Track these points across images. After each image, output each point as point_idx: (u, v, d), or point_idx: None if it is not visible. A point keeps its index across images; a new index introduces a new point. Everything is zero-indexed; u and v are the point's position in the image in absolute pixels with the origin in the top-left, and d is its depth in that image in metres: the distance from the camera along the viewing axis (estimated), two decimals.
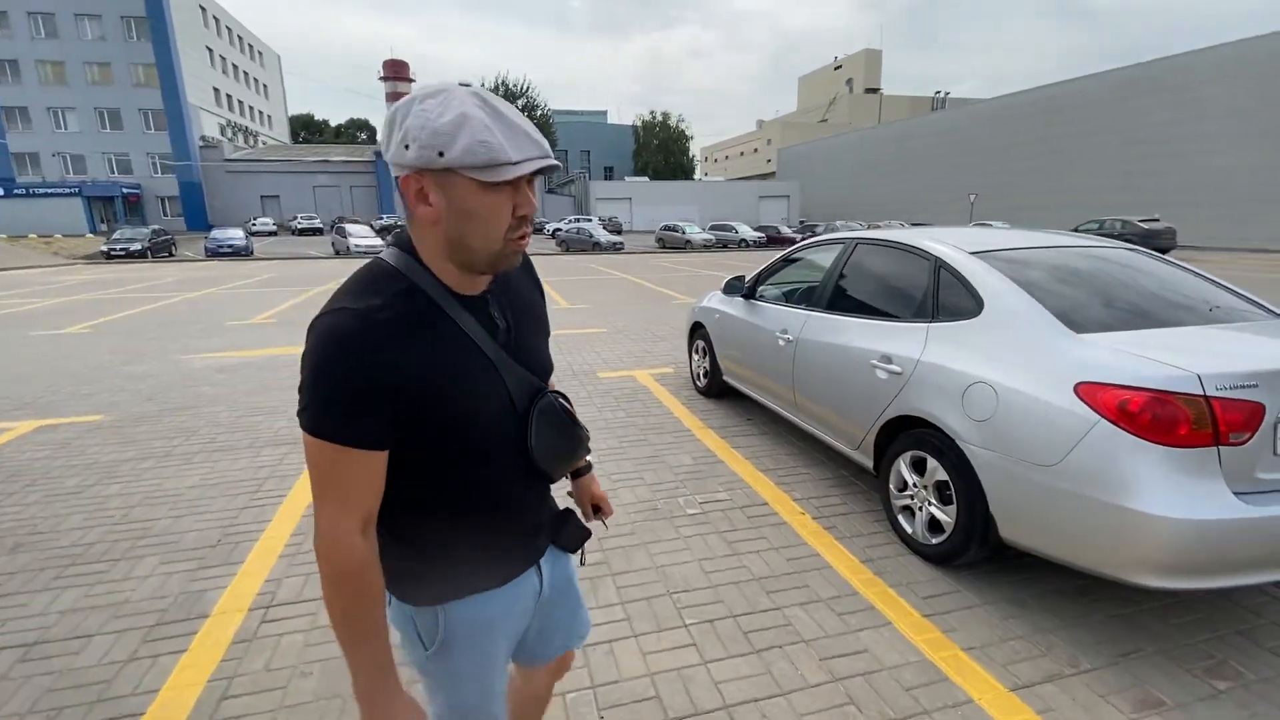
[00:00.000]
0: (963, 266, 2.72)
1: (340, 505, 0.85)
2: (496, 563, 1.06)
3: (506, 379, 0.97)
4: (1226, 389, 1.93)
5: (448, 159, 0.79)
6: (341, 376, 0.81)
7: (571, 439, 1.09)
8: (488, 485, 0.99)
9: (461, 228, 0.85)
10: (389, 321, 0.83)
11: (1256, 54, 28.24)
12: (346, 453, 0.83)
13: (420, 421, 0.87)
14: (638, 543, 2.87)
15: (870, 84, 79.71)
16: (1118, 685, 2.00)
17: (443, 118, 0.78)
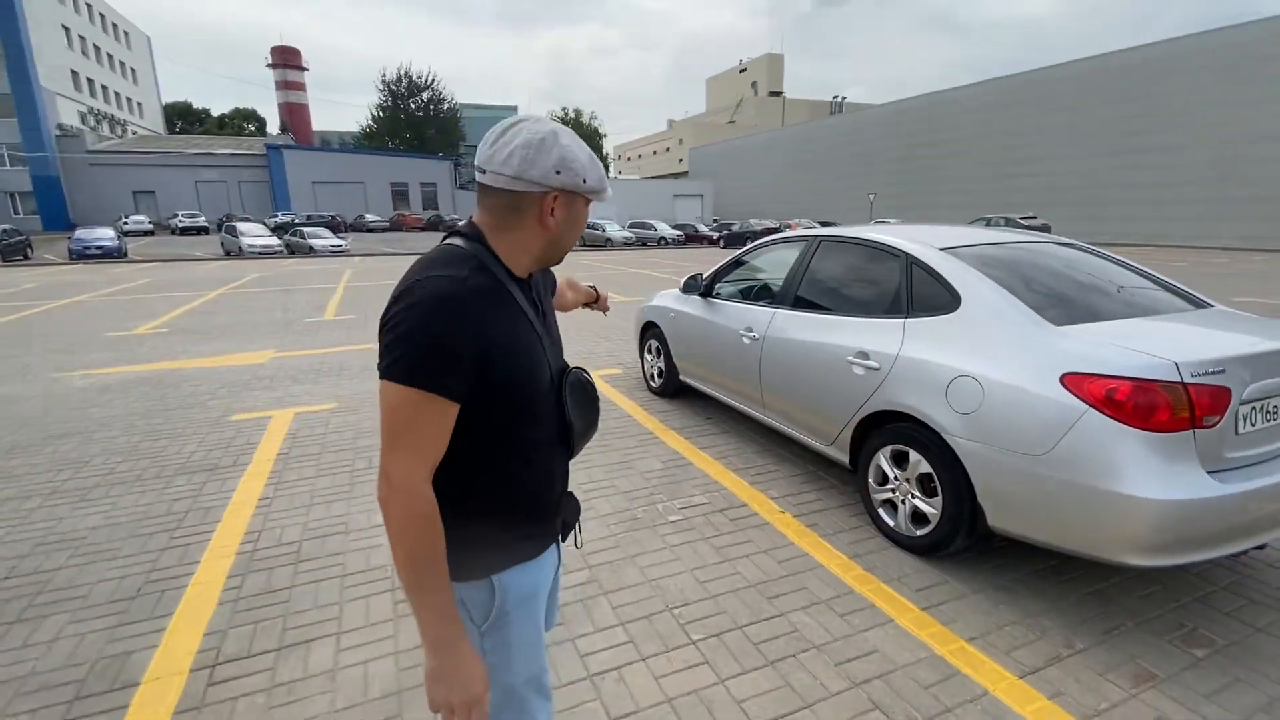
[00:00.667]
0: (935, 263, 2.78)
1: (415, 453, 0.92)
2: (538, 532, 1.13)
3: (547, 352, 1.11)
4: (1200, 375, 2.05)
5: (588, 185, 1.02)
6: (440, 332, 0.91)
7: (595, 411, 1.23)
8: (538, 449, 1.09)
9: (568, 234, 1.07)
10: (478, 288, 0.96)
11: (1111, 68, 31.69)
12: (431, 401, 0.91)
13: (493, 379, 0.97)
14: (624, 556, 2.73)
15: (774, 87, 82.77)
16: (1112, 662, 2.09)
17: (584, 154, 1.01)
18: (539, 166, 0.97)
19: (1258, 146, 26.64)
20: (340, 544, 2.82)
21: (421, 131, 59.03)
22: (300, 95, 70.03)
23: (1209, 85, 28.00)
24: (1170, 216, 29.64)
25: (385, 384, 0.92)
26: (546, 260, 1.10)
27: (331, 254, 24.01)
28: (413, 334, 0.90)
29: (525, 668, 1.12)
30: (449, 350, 0.91)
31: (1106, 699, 1.93)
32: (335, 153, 52.36)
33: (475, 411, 0.98)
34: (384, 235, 38.64)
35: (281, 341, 7.46)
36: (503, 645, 1.09)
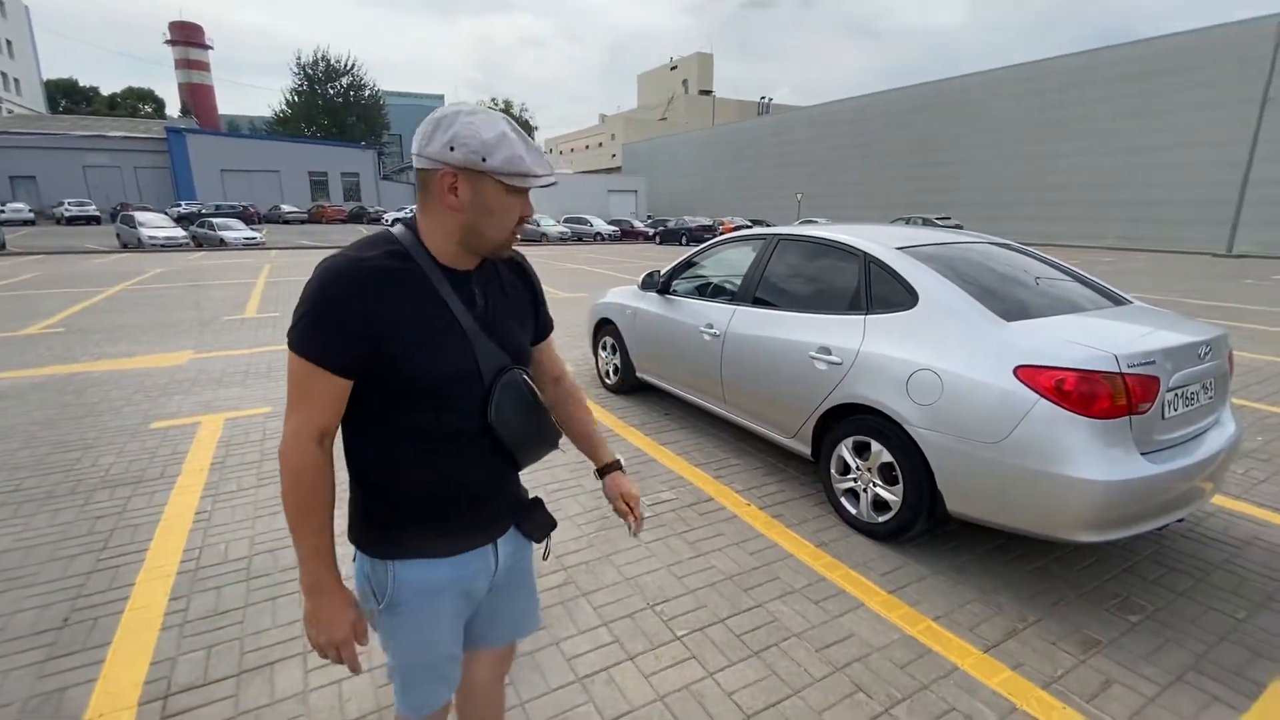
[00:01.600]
0: (892, 262, 2.90)
1: (303, 415, 0.99)
2: (449, 532, 1.12)
3: (476, 347, 1.07)
4: (1135, 366, 2.24)
5: (489, 164, 0.97)
6: (327, 305, 0.96)
7: (535, 418, 1.15)
8: (446, 442, 1.07)
9: (482, 220, 1.03)
10: (376, 269, 0.99)
11: (1011, 79, 34.06)
12: (314, 371, 0.97)
13: (385, 361, 0.99)
14: (599, 556, 2.71)
15: (704, 86, 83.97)
16: (1061, 632, 2.26)
17: (489, 132, 0.97)
18: (435, 143, 0.98)
19: (1135, 156, 29.36)
20: (294, 557, 2.65)
21: (341, 119, 56.14)
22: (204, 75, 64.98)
23: (1094, 99, 30.60)
24: (1062, 218, 32.21)
25: (288, 352, 1.00)
26: (474, 247, 1.07)
27: (245, 247, 22.49)
28: (303, 306, 0.98)
29: (413, 655, 1.16)
30: (332, 325, 0.96)
31: (1061, 666, 2.09)
32: (246, 139, 49.03)
33: (370, 391, 1.02)
34: (303, 227, 36.55)
35: (199, 341, 6.93)
36: (393, 629, 1.14)
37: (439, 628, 1.15)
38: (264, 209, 41.02)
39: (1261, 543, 2.90)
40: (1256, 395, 5.22)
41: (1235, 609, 2.42)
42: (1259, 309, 10.27)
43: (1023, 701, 1.93)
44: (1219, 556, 2.78)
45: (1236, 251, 24.23)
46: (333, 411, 1.01)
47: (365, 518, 1.11)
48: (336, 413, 1.02)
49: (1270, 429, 4.40)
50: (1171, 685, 2.01)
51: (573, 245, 28.66)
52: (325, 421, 1.01)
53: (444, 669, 1.20)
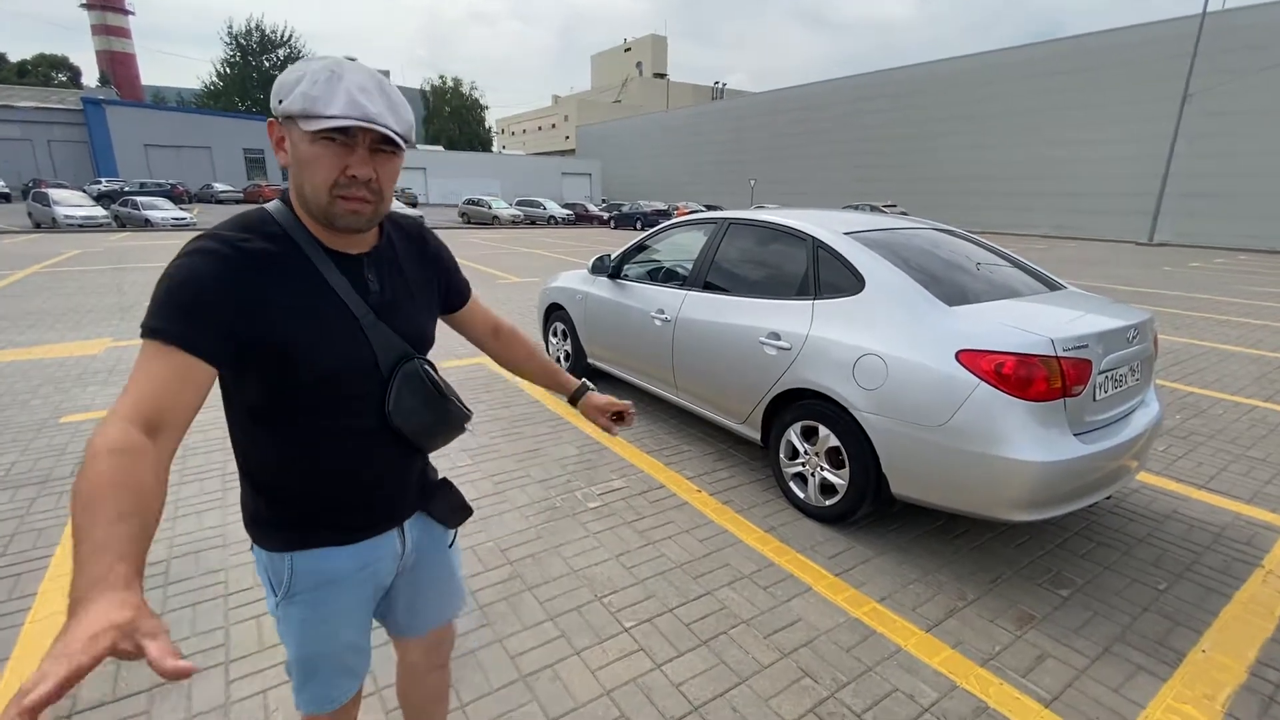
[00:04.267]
0: (840, 247, 2.90)
1: (129, 397, 0.79)
2: (347, 520, 1.07)
3: (371, 337, 1.00)
4: (1070, 350, 2.30)
5: (284, 107, 0.87)
6: (182, 287, 0.85)
7: (436, 409, 1.09)
8: (341, 439, 1.01)
9: (299, 175, 0.91)
10: (247, 252, 0.89)
11: (951, 72, 35.04)
12: (160, 350, 0.82)
13: (259, 348, 0.89)
14: (546, 547, 2.64)
15: (658, 69, 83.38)
16: (998, 609, 2.33)
17: (294, 73, 0.87)
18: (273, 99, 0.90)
19: (1065, 149, 30.70)
20: (218, 559, 2.49)
21: None
22: (125, 43, 60.49)
23: (1027, 92, 31.77)
24: (997, 207, 33.46)
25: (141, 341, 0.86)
26: (311, 215, 0.95)
27: (173, 228, 21.17)
28: (159, 284, 0.86)
29: (313, 646, 1.10)
30: (187, 303, 0.85)
31: (998, 642, 2.14)
32: (173, 112, 45.88)
33: (253, 387, 0.95)
34: (238, 208, 34.61)
35: (118, 329, 6.47)
36: (291, 620, 1.08)
37: (339, 617, 1.10)
38: (195, 188, 38.71)
39: (1180, 516, 3.06)
40: (1174, 376, 5.53)
41: (1157, 580, 2.54)
42: (1176, 294, 10.92)
43: (963, 680, 1.97)
44: (1142, 531, 2.92)
45: (1157, 240, 25.73)
46: (161, 394, 0.80)
47: (256, 513, 1.05)
48: (165, 403, 0.80)
49: (1187, 407, 4.66)
50: (1100, 657, 2.09)
51: (525, 229, 28.13)
52: (151, 411, 0.78)
53: (347, 660, 1.14)
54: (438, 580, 1.26)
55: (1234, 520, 3.03)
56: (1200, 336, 7.25)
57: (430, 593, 1.25)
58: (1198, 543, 2.83)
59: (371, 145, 0.90)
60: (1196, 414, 4.54)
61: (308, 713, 1.15)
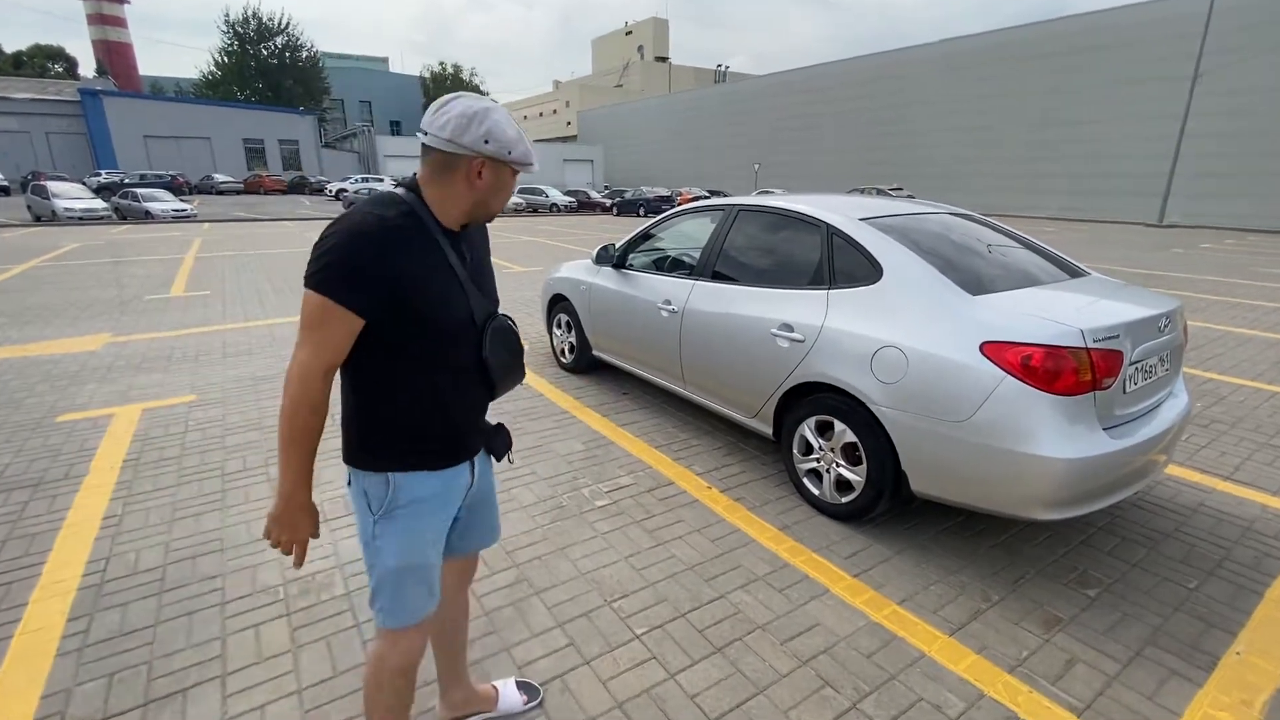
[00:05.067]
0: (856, 234, 2.79)
1: (315, 349, 1.12)
2: (439, 450, 1.30)
3: (470, 296, 1.28)
4: (1100, 341, 2.19)
5: (512, 156, 1.19)
6: (352, 255, 1.10)
7: (516, 355, 1.39)
8: (445, 375, 1.27)
9: (493, 196, 1.25)
10: (397, 227, 1.15)
11: (958, 52, 34.46)
12: (334, 309, 1.10)
13: (402, 306, 1.15)
14: (553, 549, 2.56)
15: (660, 53, 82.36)
16: (1023, 610, 2.24)
17: (511, 130, 1.17)
18: (470, 134, 1.15)
19: (1074, 129, 30.23)
20: (215, 564, 2.42)
21: (277, 82, 52.87)
22: (121, 32, 59.93)
23: (1036, 72, 31.23)
24: (1007, 189, 33.05)
25: (306, 291, 1.12)
26: (475, 217, 1.28)
27: (174, 220, 21.07)
28: (330, 252, 1.10)
29: (405, 557, 1.29)
30: (356, 271, 1.10)
31: (1025, 647, 2.06)
32: (172, 102, 45.56)
33: (386, 329, 1.17)
34: (239, 199, 34.53)
35: (117, 324, 6.39)
36: (389, 533, 1.27)
37: (427, 534, 1.32)
38: (195, 179, 38.59)
39: (1207, 509, 2.96)
40: (1192, 361, 5.40)
41: (1186, 578, 2.44)
42: (1189, 277, 10.74)
43: (989, 687, 1.88)
44: (1168, 525, 2.82)
45: (1167, 222, 25.41)
46: (342, 348, 1.16)
47: (365, 438, 1.27)
48: (344, 350, 1.16)
49: (1207, 394, 4.55)
50: (1132, 662, 2.00)
51: (528, 217, 27.96)
52: (333, 357, 1.16)
53: (430, 576, 1.34)
54: (486, 513, 1.54)
55: (1261, 513, 2.93)
56: (1216, 320, 7.10)
57: (478, 521, 1.52)
58: (1226, 537, 2.74)
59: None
60: (1217, 401, 4.42)
61: (397, 626, 1.32)
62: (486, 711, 1.72)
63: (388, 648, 1.33)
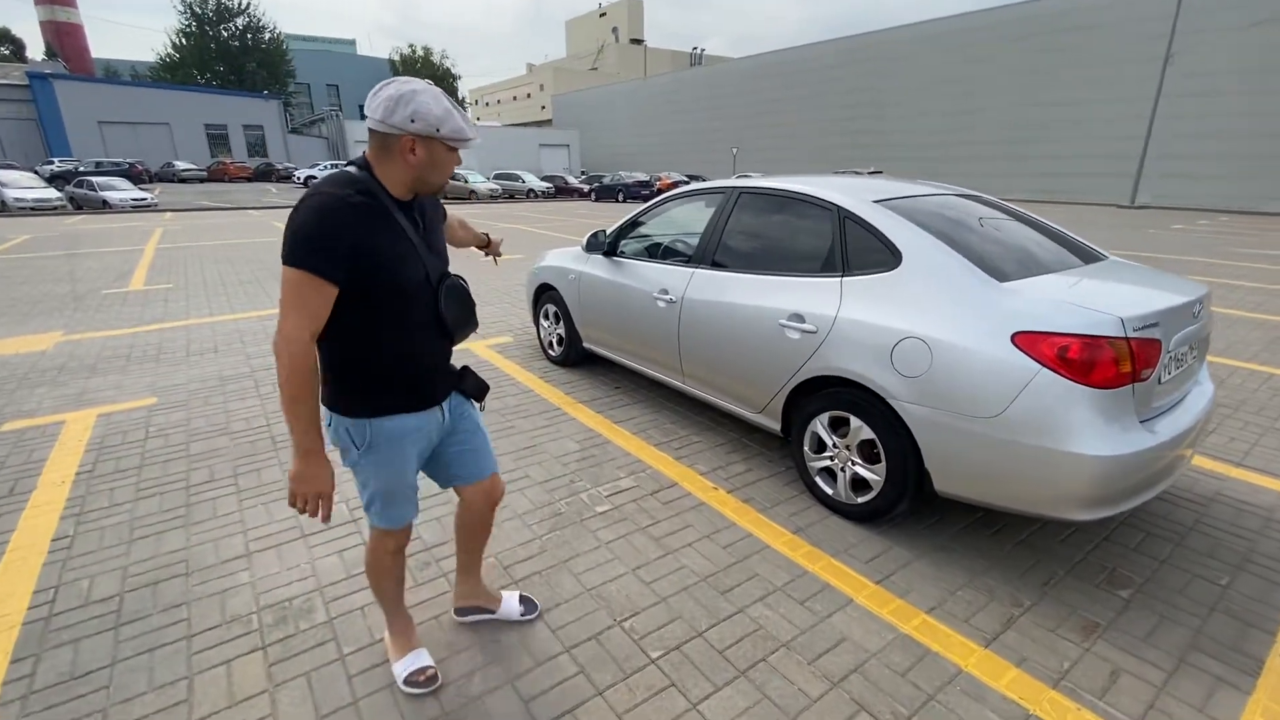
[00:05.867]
0: (871, 217, 2.61)
1: (299, 316, 1.29)
2: (410, 394, 1.52)
3: (424, 259, 1.47)
4: (1140, 330, 2.05)
5: (441, 133, 1.35)
6: (319, 231, 1.28)
7: (467, 309, 1.59)
8: (410, 331, 1.47)
9: (430, 171, 1.42)
10: (356, 204, 1.32)
11: (936, 34, 34.44)
12: (311, 280, 1.28)
13: (367, 271, 1.34)
14: (554, 562, 2.37)
15: (634, 35, 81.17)
16: (1058, 616, 2.11)
17: (438, 109, 1.34)
18: (398, 115, 1.30)
19: (1047, 111, 30.46)
20: (180, 590, 2.18)
21: (239, 65, 50.94)
22: (70, 13, 56.96)
23: (1010, 54, 31.33)
24: (980, 172, 33.24)
25: (284, 267, 1.27)
26: (421, 189, 1.45)
27: (133, 209, 20.20)
28: (300, 230, 1.26)
29: (390, 483, 1.56)
30: (325, 245, 1.26)
31: (1065, 657, 1.93)
32: (128, 87, 43.58)
33: (354, 295, 1.34)
34: (202, 187, 33.30)
35: (70, 321, 5.99)
36: (370, 464, 1.53)
37: (405, 462, 1.57)
38: (155, 166, 37.12)
39: (1225, 499, 2.88)
40: None
41: (1217, 574, 2.35)
42: (1166, 258, 10.83)
43: (1035, 705, 1.75)
44: (1189, 517, 2.73)
45: (1138, 203, 25.80)
46: (321, 315, 1.31)
47: (343, 388, 1.47)
48: (323, 316, 1.31)
49: None
50: (1177, 670, 1.89)
51: (504, 203, 27.39)
52: (316, 323, 1.31)
53: (410, 494, 1.63)
54: (476, 439, 1.74)
55: (1278, 501, 2.86)
56: None
57: (471, 451, 1.73)
58: (1248, 528, 2.65)
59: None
60: (1217, 384, 4.37)
61: (386, 527, 1.63)
62: (489, 611, 2.03)
63: (382, 538, 1.66)
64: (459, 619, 2.04)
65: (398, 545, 1.70)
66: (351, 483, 2.87)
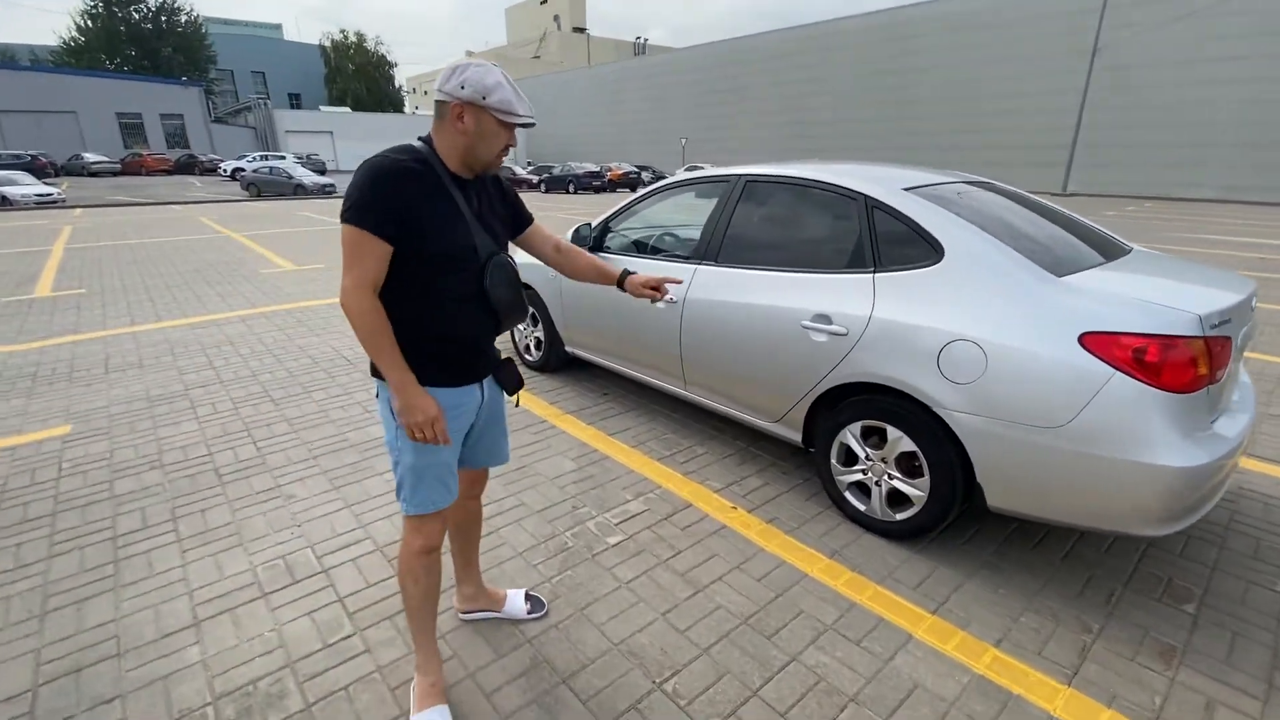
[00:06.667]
0: (904, 207, 2.37)
1: (360, 272, 1.33)
2: (452, 368, 1.52)
3: (474, 234, 1.46)
4: (1215, 327, 1.88)
5: (487, 101, 1.35)
6: (371, 188, 1.32)
7: (515, 290, 1.55)
8: (454, 303, 1.46)
9: (479, 143, 1.42)
10: (408, 168, 1.36)
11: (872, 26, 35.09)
12: (363, 236, 1.32)
13: (417, 234, 1.36)
14: (571, 611, 2.04)
15: (577, 23, 79.81)
16: (1131, 640, 1.94)
17: (489, 79, 1.35)
18: (451, 82, 1.36)
19: (982, 103, 31.51)
20: (110, 679, 1.76)
21: (153, 50, 47.36)
22: None
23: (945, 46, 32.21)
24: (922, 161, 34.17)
25: (343, 225, 1.34)
26: (471, 164, 1.45)
27: (38, 206, 18.40)
28: (354, 190, 1.33)
29: (424, 458, 1.50)
30: (377, 203, 1.32)
31: (1154, 690, 1.75)
32: (28, 72, 39.74)
33: (402, 257, 1.37)
34: (116, 181, 30.80)
35: None
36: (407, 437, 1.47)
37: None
38: (61, 159, 34.13)
39: (1249, 493, 2.80)
40: None
41: (1270, 580, 2.24)
42: None
43: None
44: (1223, 515, 2.63)
45: (1070, 191, 26.99)
46: (379, 269, 1.35)
47: None
48: (382, 271, 1.36)
49: None
50: (1269, 698, 1.74)
51: None
52: (375, 276, 1.35)
53: (445, 475, 1.55)
54: (494, 432, 1.71)
55: None
56: None
57: (488, 439, 1.70)
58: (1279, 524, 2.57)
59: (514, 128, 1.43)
60: None
61: (417, 512, 1.53)
62: (494, 611, 1.98)
63: (412, 532, 1.56)
64: (464, 618, 1.99)
65: (427, 543, 1.56)
66: (323, 520, 2.48)
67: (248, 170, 25.56)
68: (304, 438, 3.27)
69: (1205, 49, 24.97)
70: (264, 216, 15.99)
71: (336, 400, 3.79)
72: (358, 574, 2.20)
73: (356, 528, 2.48)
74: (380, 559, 2.28)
